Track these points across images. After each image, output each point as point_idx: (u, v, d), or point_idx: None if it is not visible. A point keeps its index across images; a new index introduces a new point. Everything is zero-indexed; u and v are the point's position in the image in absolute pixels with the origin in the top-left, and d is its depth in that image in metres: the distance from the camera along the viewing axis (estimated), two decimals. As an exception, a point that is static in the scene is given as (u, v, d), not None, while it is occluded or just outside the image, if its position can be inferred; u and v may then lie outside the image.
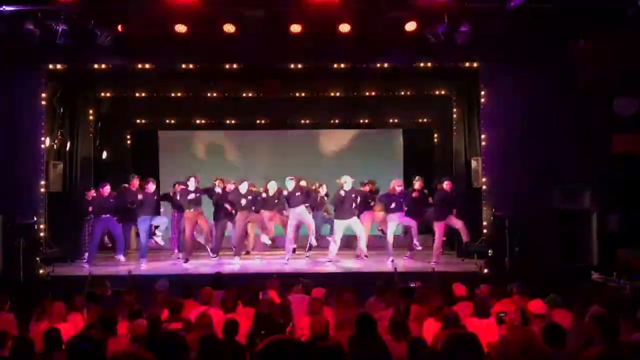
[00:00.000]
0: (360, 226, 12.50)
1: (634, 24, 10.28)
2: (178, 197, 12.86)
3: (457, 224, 12.50)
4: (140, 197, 12.63)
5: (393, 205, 12.59)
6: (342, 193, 12.34)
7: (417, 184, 12.92)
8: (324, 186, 13.78)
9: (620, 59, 11.70)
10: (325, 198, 13.66)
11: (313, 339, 5.79)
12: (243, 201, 12.72)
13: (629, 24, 10.44)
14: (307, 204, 12.82)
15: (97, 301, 8.48)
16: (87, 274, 10.84)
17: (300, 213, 12.62)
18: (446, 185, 12.68)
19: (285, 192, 12.77)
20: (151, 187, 12.84)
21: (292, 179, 12.73)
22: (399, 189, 12.71)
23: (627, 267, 10.65)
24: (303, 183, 12.90)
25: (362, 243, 12.49)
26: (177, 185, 13.20)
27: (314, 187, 13.48)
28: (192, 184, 12.59)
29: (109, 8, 10.47)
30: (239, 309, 7.55)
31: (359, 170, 15.04)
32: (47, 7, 10.51)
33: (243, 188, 12.84)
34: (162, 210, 14.15)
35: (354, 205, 12.40)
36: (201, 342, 5.68)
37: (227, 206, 12.87)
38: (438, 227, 12.57)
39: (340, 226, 12.41)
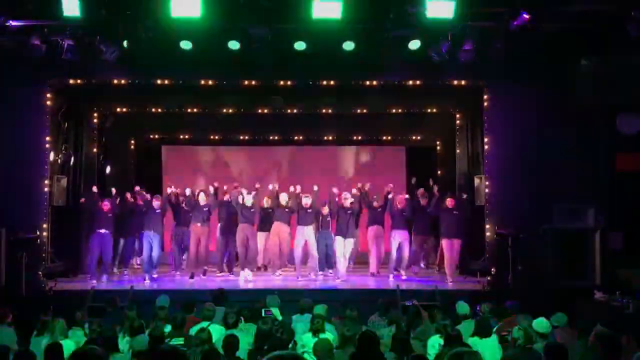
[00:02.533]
0: (350, 245, 12.71)
1: (637, 43, 10.31)
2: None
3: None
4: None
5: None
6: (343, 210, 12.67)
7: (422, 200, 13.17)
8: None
9: (623, 78, 11.73)
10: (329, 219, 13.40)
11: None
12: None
13: (631, 43, 10.48)
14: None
15: (98, 316, 8.47)
16: (90, 288, 10.85)
17: (308, 233, 12.70)
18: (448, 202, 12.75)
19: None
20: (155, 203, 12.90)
21: (308, 196, 12.79)
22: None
23: (630, 285, 10.61)
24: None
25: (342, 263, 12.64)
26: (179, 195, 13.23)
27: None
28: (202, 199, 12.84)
29: (115, 24, 10.51)
30: (240, 325, 7.54)
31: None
32: (53, 23, 10.56)
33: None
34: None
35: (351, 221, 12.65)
36: (202, 358, 5.68)
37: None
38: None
39: (341, 242, 12.58)
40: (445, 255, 12.59)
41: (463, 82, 12.34)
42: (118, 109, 14.36)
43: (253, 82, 12.41)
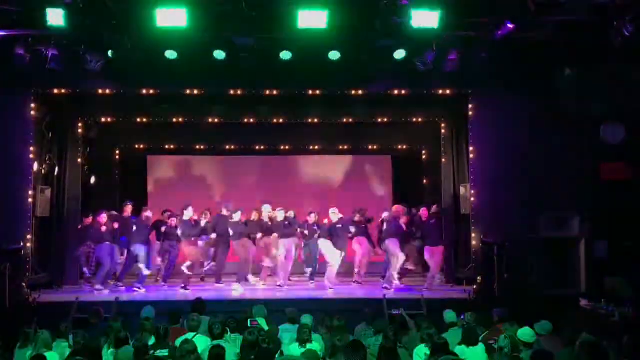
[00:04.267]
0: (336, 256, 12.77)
1: (621, 53, 10.42)
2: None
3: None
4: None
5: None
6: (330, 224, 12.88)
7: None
8: (313, 215, 13.65)
9: (607, 87, 11.84)
10: (315, 228, 13.45)
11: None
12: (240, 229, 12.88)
13: (614, 53, 10.58)
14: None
15: (83, 328, 8.39)
16: (74, 300, 10.75)
17: (288, 244, 12.74)
18: (422, 212, 12.84)
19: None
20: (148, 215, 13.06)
21: (282, 210, 12.92)
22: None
23: (616, 294, 10.67)
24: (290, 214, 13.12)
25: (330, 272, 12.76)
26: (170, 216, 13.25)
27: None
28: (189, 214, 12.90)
29: (100, 34, 10.48)
30: (226, 336, 7.49)
31: (348, 196, 15.09)
32: (37, 32, 10.52)
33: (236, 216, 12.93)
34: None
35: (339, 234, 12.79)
36: (188, 369, 5.64)
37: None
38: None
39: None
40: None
41: (448, 91, 12.41)
42: (103, 119, 14.28)
43: (239, 92, 12.40)
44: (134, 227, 12.85)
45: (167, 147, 15.87)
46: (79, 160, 13.93)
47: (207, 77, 11.91)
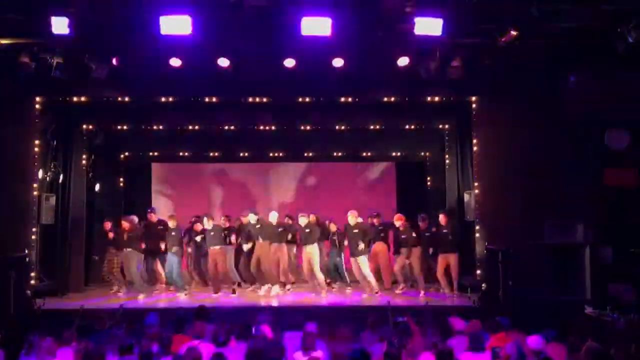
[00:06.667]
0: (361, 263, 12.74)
1: (624, 58, 10.41)
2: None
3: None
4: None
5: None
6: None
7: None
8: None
9: (611, 93, 11.82)
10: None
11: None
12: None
13: (618, 58, 10.56)
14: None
15: (87, 335, 8.39)
16: (78, 307, 10.75)
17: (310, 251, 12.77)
18: (441, 219, 12.82)
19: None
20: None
21: (304, 216, 12.93)
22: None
23: (620, 300, 10.63)
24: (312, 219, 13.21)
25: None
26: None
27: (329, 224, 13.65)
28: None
29: (104, 42, 10.52)
30: (231, 344, 7.49)
31: (352, 203, 15.05)
32: (42, 41, 10.55)
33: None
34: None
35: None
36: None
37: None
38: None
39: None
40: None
41: (452, 98, 12.41)
42: (107, 126, 14.31)
43: (242, 99, 12.42)
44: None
45: (171, 154, 15.90)
46: (84, 167, 13.97)
47: (211, 85, 11.94)
